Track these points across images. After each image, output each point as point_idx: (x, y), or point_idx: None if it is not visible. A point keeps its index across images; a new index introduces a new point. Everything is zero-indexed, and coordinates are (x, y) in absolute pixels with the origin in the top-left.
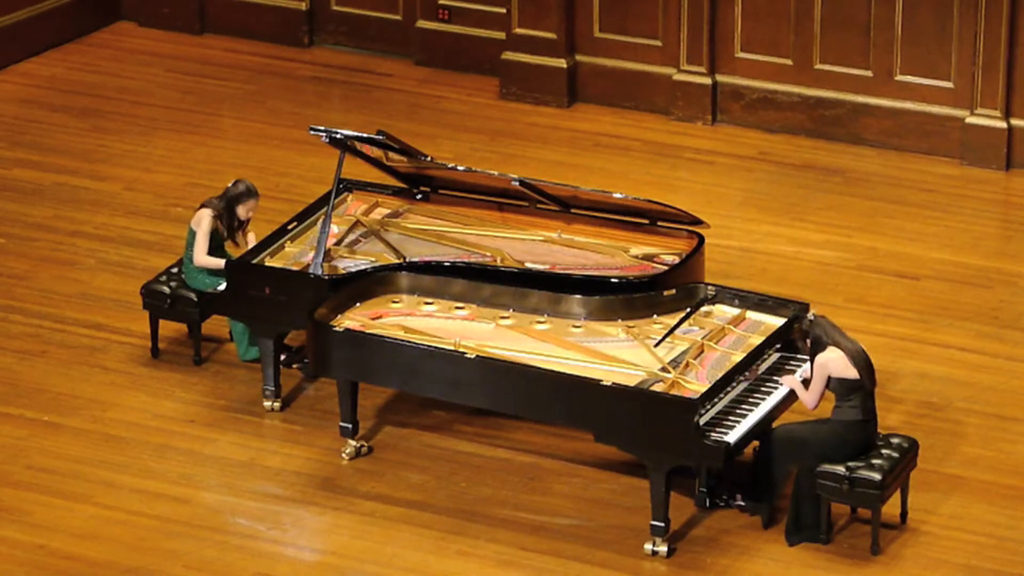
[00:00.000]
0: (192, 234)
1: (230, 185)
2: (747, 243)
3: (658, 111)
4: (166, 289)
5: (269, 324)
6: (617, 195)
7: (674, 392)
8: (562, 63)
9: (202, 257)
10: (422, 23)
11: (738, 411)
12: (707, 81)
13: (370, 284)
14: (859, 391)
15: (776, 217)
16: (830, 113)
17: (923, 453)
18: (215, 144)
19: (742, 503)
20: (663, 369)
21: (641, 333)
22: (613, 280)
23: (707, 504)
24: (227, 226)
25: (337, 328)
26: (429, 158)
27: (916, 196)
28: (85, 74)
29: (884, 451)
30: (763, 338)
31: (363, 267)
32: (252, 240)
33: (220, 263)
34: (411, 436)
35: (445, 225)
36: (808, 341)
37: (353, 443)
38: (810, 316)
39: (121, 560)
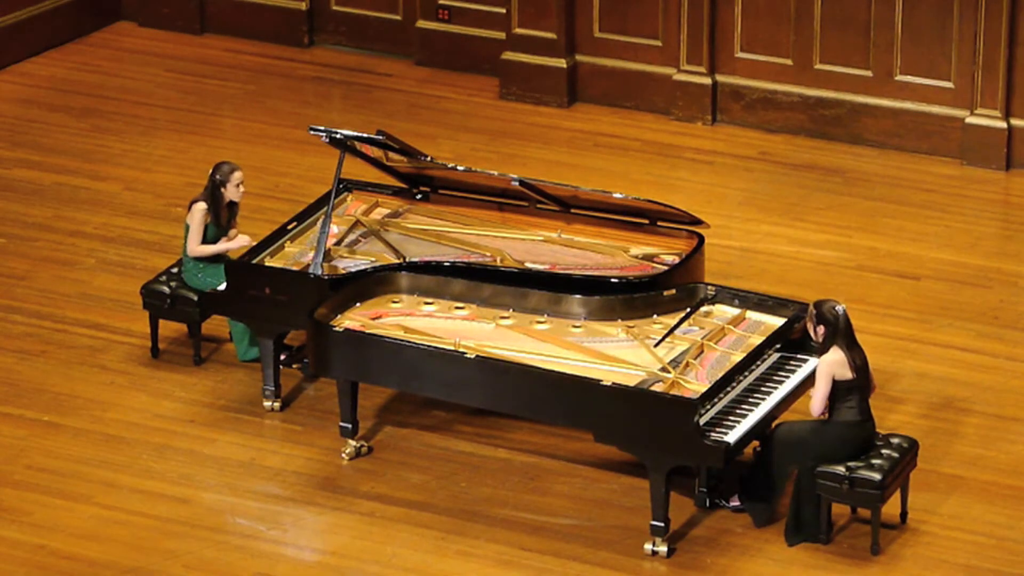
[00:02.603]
0: (188, 229)
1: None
2: (747, 243)
3: (658, 111)
4: (166, 289)
5: (269, 324)
6: (617, 195)
7: (674, 392)
8: (562, 63)
9: (195, 247)
10: (422, 23)
11: (738, 411)
12: (707, 81)
13: (370, 284)
14: (856, 392)
15: (776, 217)
16: (830, 113)
17: (923, 453)
18: (215, 144)
19: (736, 504)
20: (663, 369)
21: (641, 333)
22: (613, 280)
23: (707, 504)
24: (216, 215)
25: (337, 328)
26: (429, 158)
27: (916, 196)
28: (85, 74)
29: (884, 451)
30: (763, 338)
31: (363, 267)
32: (241, 240)
33: (214, 249)
34: (411, 436)
35: (445, 225)
36: (821, 326)
37: (353, 443)
38: (838, 307)
39: (121, 560)
